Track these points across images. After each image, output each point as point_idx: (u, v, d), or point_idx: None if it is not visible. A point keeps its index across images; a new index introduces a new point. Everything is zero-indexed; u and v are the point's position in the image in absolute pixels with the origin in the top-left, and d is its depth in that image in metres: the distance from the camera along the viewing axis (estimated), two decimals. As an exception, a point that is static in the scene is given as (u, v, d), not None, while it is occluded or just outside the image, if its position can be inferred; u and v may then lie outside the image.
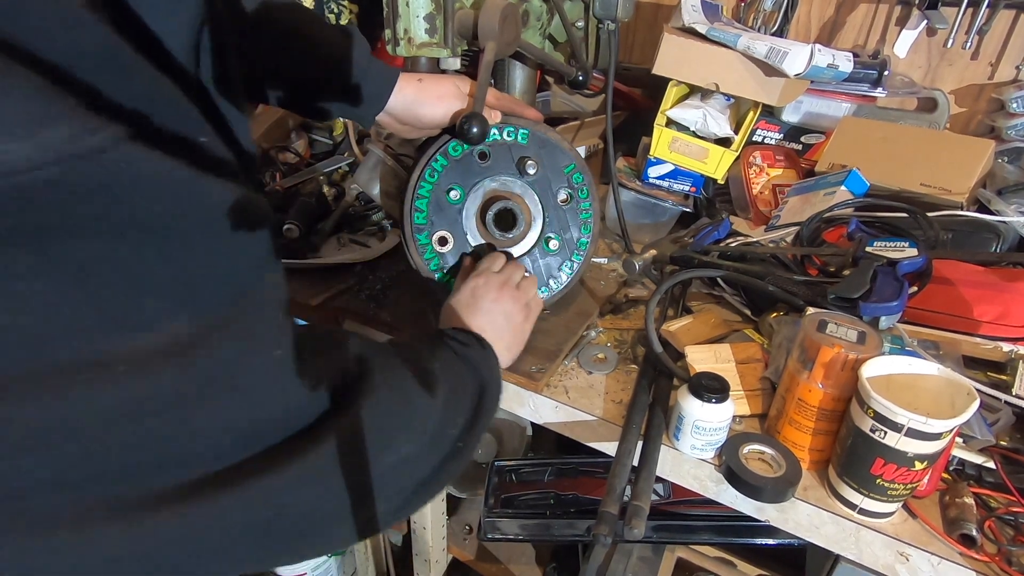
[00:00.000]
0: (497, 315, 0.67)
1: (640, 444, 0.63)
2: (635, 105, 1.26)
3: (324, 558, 1.46)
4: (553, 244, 0.77)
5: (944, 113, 1.06)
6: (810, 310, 0.65)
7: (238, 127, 0.41)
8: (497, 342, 0.63)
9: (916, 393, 0.54)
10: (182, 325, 0.31)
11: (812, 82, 1.03)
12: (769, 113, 1.08)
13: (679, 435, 0.63)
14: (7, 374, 0.27)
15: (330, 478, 0.39)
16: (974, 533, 0.53)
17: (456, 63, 0.70)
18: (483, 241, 0.77)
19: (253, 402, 0.35)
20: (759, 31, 1.10)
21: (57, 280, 0.26)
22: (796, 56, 0.87)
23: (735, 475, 0.59)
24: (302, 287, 0.88)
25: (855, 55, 0.96)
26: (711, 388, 0.59)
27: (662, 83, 1.03)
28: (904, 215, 0.82)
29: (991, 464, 0.59)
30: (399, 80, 0.71)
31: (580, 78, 0.83)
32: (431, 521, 1.09)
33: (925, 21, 1.03)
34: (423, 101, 0.71)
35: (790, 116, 1.09)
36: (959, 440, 0.60)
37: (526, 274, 0.75)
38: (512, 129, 0.72)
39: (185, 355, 0.31)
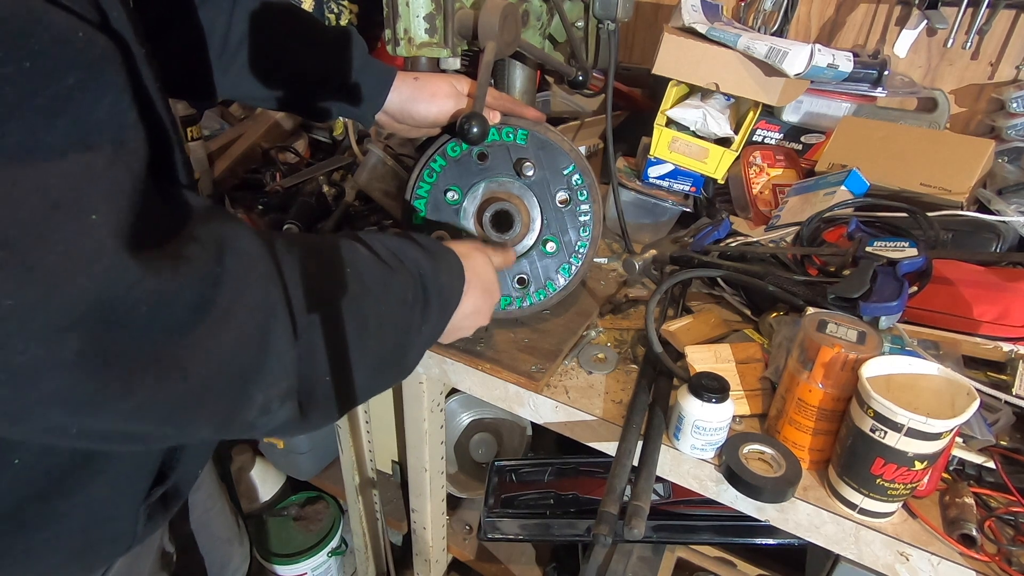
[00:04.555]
0: (475, 304, 0.62)
1: (640, 444, 0.63)
2: (635, 105, 1.26)
3: (324, 558, 1.46)
4: (551, 247, 0.77)
5: (944, 113, 1.06)
6: (810, 310, 0.65)
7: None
8: (454, 328, 0.60)
9: (916, 393, 0.54)
10: None
11: (812, 82, 1.03)
12: (769, 113, 1.08)
13: (679, 435, 0.63)
14: None
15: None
16: (974, 533, 0.53)
17: (456, 63, 0.70)
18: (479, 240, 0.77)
19: (57, 263, 0.30)
20: (759, 31, 1.10)
21: None
22: (796, 56, 0.87)
23: (735, 475, 0.59)
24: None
25: (855, 55, 0.96)
26: (711, 388, 0.59)
27: (662, 83, 1.03)
28: (904, 215, 0.82)
29: (991, 464, 0.59)
30: (396, 78, 0.71)
31: (580, 78, 0.83)
32: (431, 521, 1.09)
33: (925, 21, 1.03)
34: (418, 99, 0.71)
35: (790, 116, 1.09)
36: (959, 440, 0.60)
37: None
38: (511, 130, 0.72)
39: None
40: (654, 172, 1.06)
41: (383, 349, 0.51)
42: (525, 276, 0.78)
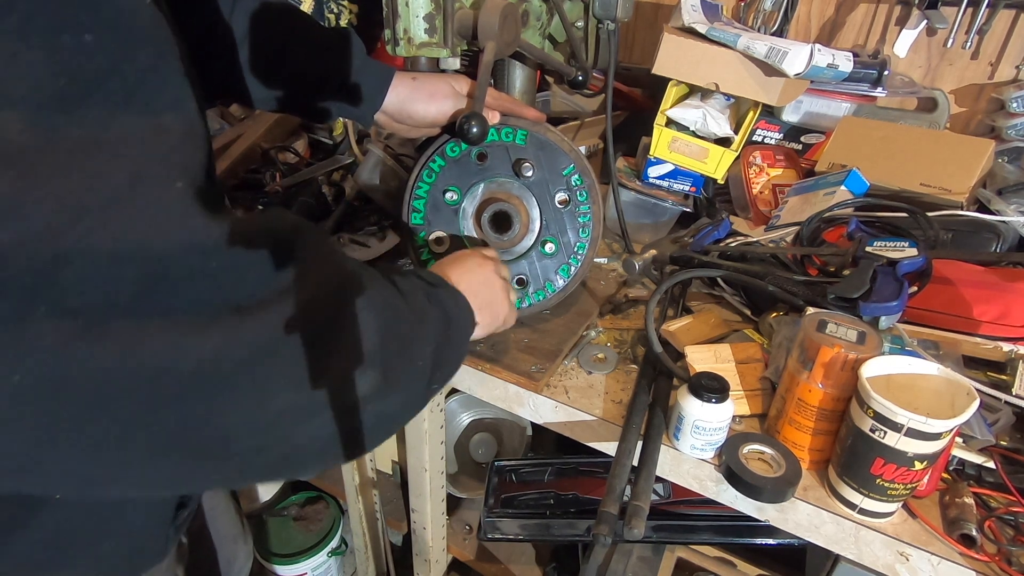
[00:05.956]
0: (477, 275, 0.63)
1: (640, 444, 0.63)
2: (635, 105, 1.26)
3: (324, 558, 1.46)
4: (549, 247, 0.77)
5: (944, 113, 1.06)
6: (810, 310, 0.65)
7: None
8: (471, 297, 0.58)
9: (916, 393, 0.54)
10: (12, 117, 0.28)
11: (812, 82, 1.03)
12: (769, 113, 1.08)
13: (679, 435, 0.63)
14: None
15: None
16: (974, 533, 0.53)
17: (456, 63, 0.70)
18: (479, 241, 0.77)
19: (141, 228, 0.31)
20: (759, 31, 1.10)
21: None
22: (796, 56, 0.87)
23: (735, 475, 0.59)
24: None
25: (855, 55, 0.96)
26: (711, 388, 0.59)
27: (662, 83, 1.03)
28: (904, 215, 0.82)
29: (991, 464, 0.59)
30: (394, 78, 0.71)
31: (580, 78, 0.83)
32: (431, 521, 1.09)
33: (925, 21, 1.03)
34: (416, 99, 0.71)
35: (790, 116, 1.09)
36: (959, 440, 0.60)
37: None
38: (510, 130, 0.72)
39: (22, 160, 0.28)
40: (654, 172, 1.06)
41: (438, 335, 0.51)
42: (524, 277, 0.78)
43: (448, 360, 0.53)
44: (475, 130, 0.64)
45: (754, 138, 1.10)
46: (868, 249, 0.71)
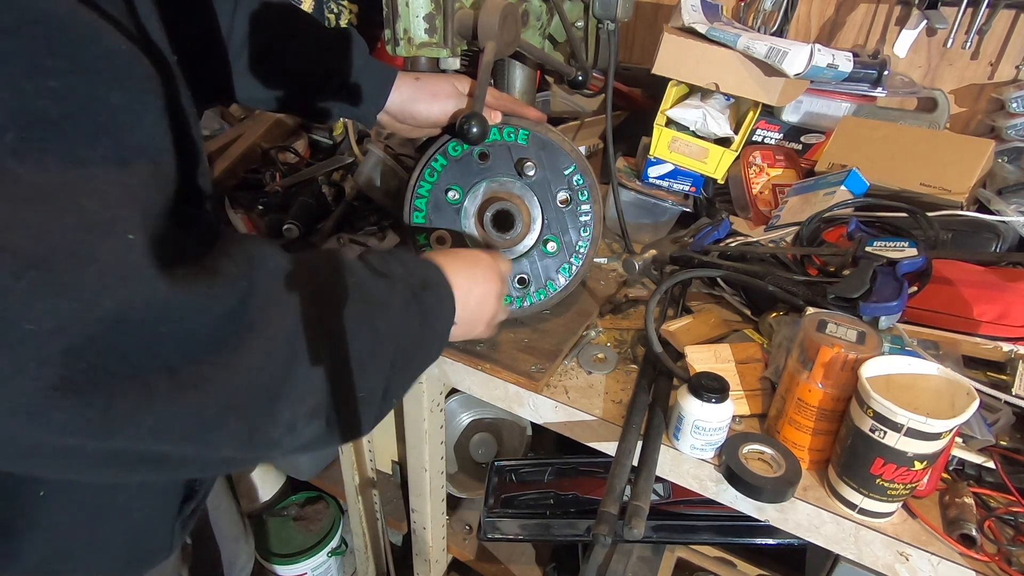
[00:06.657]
0: (478, 281, 0.60)
1: (640, 444, 0.63)
2: (635, 105, 1.26)
3: (324, 558, 1.46)
4: (551, 247, 0.77)
5: (944, 113, 1.06)
6: (810, 310, 0.65)
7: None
8: (462, 300, 0.57)
9: (916, 393, 0.54)
10: None
11: (812, 82, 1.03)
12: (769, 113, 1.08)
13: (679, 435, 0.63)
14: None
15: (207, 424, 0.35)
16: (974, 533, 0.53)
17: (456, 63, 0.70)
18: (481, 242, 0.77)
19: (87, 283, 0.29)
20: (759, 31, 1.10)
21: None
22: (796, 56, 0.87)
23: (735, 475, 0.59)
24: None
25: (855, 55, 0.96)
26: (711, 388, 0.59)
27: (662, 83, 1.03)
28: (904, 215, 0.82)
29: (991, 464, 0.59)
30: (397, 78, 0.71)
31: (580, 78, 0.83)
32: (431, 521, 1.09)
33: (925, 21, 1.03)
34: (419, 99, 0.71)
35: (790, 116, 1.09)
36: (959, 440, 0.60)
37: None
38: (512, 130, 0.72)
39: None
40: (654, 172, 1.06)
41: (399, 356, 0.50)
42: (526, 276, 0.78)
43: (411, 365, 0.53)
44: (475, 130, 0.64)
45: (754, 138, 1.10)
46: (868, 249, 0.71)
